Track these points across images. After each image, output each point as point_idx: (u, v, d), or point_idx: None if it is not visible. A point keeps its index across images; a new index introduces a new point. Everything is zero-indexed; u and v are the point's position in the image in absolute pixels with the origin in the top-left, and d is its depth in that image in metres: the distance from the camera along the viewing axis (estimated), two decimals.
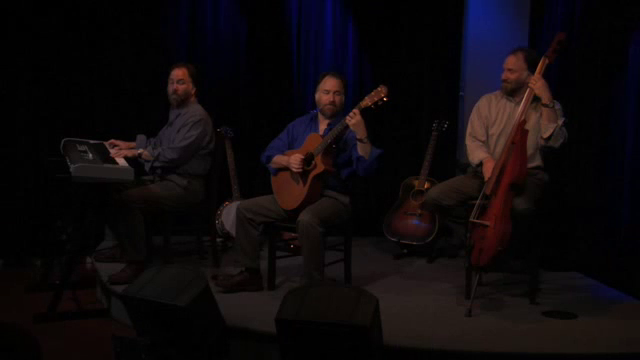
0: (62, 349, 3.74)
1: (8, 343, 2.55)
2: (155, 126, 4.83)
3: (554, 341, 3.43)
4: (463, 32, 5.58)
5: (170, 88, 4.61)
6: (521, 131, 3.85)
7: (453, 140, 5.62)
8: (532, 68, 4.05)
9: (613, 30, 4.44)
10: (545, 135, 3.98)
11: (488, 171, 3.97)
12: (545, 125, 3.98)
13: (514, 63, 4.12)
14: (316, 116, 4.32)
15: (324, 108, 4.21)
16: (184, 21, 5.60)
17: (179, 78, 4.58)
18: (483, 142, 4.24)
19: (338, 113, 4.20)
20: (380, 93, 3.94)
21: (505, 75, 4.15)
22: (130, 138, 4.75)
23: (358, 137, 3.97)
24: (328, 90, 4.18)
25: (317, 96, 4.24)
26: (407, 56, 5.72)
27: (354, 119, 3.94)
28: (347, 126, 3.98)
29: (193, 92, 4.64)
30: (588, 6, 4.60)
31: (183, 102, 4.61)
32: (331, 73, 4.28)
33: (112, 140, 4.71)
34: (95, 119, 5.39)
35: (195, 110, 4.58)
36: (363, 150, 4.00)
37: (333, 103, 4.18)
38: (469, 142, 4.27)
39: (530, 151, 4.00)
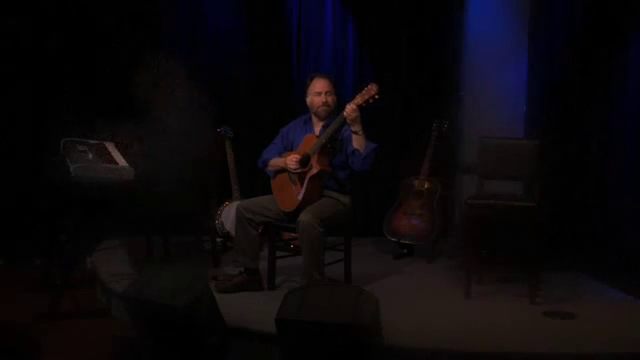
0: (62, 349, 3.74)
1: (8, 343, 2.55)
2: (155, 125, 4.82)
3: (554, 341, 3.43)
4: (463, 32, 5.58)
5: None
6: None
7: (453, 140, 5.61)
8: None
9: (613, 30, 4.44)
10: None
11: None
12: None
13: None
14: (309, 118, 4.30)
15: (318, 110, 4.20)
16: (184, 21, 5.60)
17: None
18: None
19: (332, 113, 4.19)
20: (370, 91, 3.93)
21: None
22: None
23: (354, 130, 3.96)
24: (319, 92, 4.17)
25: (309, 100, 4.22)
26: (407, 56, 5.72)
27: (354, 113, 3.92)
28: (344, 120, 3.96)
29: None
30: (588, 6, 4.60)
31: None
32: (319, 74, 4.27)
33: None
34: (95, 119, 5.37)
35: None
36: (358, 143, 3.98)
37: (326, 104, 4.17)
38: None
39: None
